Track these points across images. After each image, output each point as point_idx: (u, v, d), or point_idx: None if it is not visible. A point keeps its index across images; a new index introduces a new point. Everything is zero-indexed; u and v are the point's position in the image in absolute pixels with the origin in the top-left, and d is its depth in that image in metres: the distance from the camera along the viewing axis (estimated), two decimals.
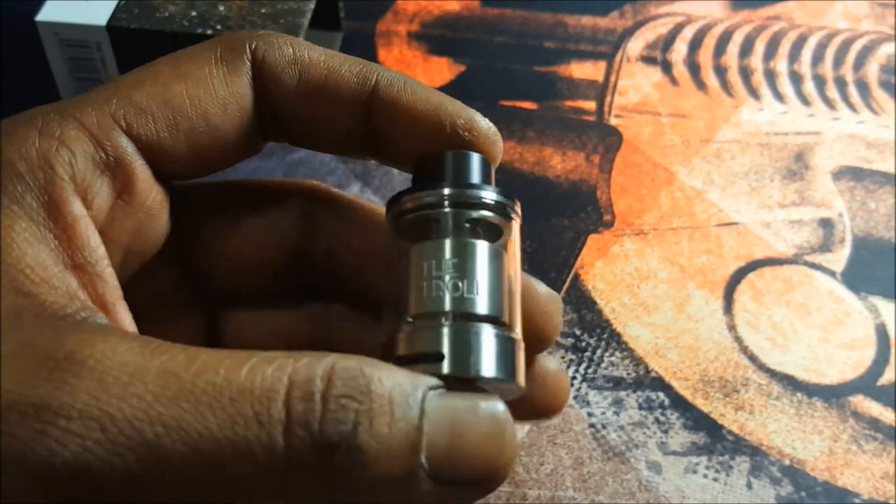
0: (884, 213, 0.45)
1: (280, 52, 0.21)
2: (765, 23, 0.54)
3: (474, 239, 0.20)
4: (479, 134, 0.21)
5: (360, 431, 0.16)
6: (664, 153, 0.47)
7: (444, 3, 0.55)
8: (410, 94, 0.21)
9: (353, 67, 0.21)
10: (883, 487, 0.35)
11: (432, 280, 0.19)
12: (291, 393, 0.16)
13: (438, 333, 0.19)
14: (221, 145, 0.21)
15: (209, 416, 0.15)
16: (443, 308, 0.19)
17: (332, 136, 0.22)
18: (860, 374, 0.39)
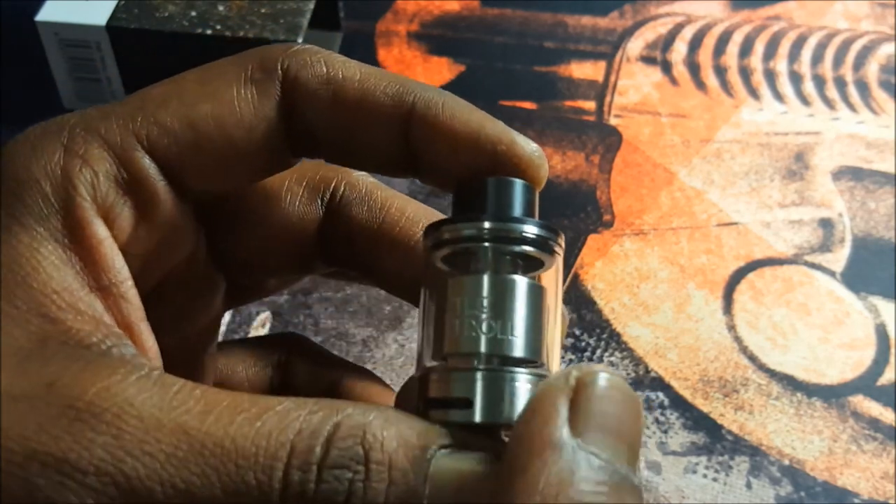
0: (884, 213, 0.45)
1: (313, 70, 0.20)
2: (765, 23, 0.54)
3: (514, 275, 0.19)
4: (521, 159, 0.20)
5: (354, 500, 0.16)
6: (664, 153, 0.47)
7: (444, 3, 0.55)
8: (449, 116, 0.20)
9: (388, 88, 0.20)
10: (883, 487, 0.35)
11: (466, 318, 0.18)
12: (291, 462, 0.16)
13: (471, 378, 0.18)
14: (246, 165, 0.21)
15: (215, 481, 0.16)
16: (477, 349, 0.18)
17: (370, 156, 0.22)
18: (860, 374, 0.39)
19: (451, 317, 0.19)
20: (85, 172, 0.19)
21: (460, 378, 0.18)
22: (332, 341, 0.39)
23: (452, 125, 0.20)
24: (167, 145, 0.19)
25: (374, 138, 0.21)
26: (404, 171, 0.22)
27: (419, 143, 0.21)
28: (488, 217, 0.19)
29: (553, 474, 0.15)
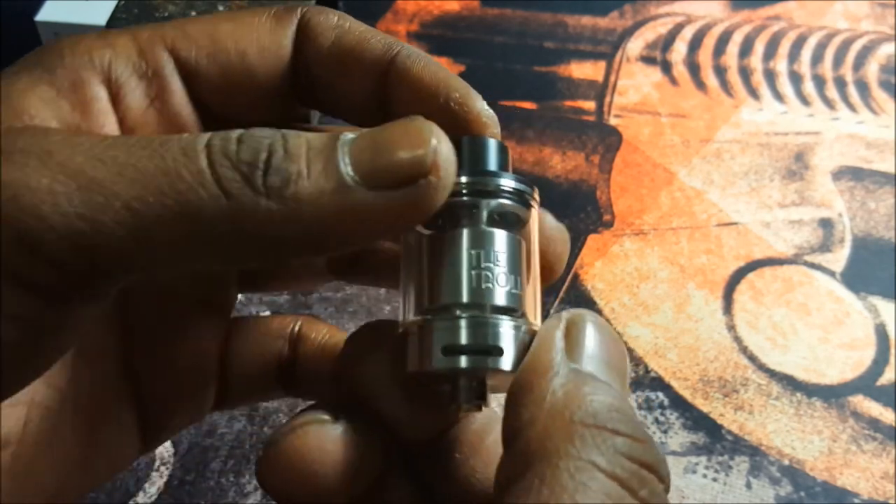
0: (883, 212, 0.45)
1: (325, 17, 0.23)
2: (764, 23, 0.54)
3: (492, 228, 0.20)
4: (469, 111, 0.22)
5: (276, 157, 0.17)
6: (664, 153, 0.47)
7: (444, 3, 0.55)
8: (422, 66, 0.22)
9: (383, 39, 0.23)
10: (882, 487, 0.35)
11: (480, 270, 0.19)
12: (212, 139, 0.17)
13: (497, 327, 0.19)
14: (254, 87, 0.22)
15: (139, 152, 0.17)
16: (491, 301, 0.19)
17: (351, 101, 0.23)
18: (860, 374, 0.39)
19: (454, 269, 0.19)
20: (105, 52, 0.21)
21: (488, 329, 0.19)
22: None
23: (421, 74, 0.22)
24: (186, 47, 0.22)
25: (358, 81, 0.23)
26: (375, 120, 0.23)
27: (391, 86, 0.22)
28: (465, 172, 0.20)
29: (557, 390, 0.17)
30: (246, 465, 0.35)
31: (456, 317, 0.19)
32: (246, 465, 0.35)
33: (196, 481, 0.35)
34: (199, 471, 0.35)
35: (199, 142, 0.17)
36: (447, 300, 0.19)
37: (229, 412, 0.36)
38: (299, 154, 0.18)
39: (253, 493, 0.34)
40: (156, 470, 0.35)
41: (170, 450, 0.35)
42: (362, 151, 0.18)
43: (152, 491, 0.34)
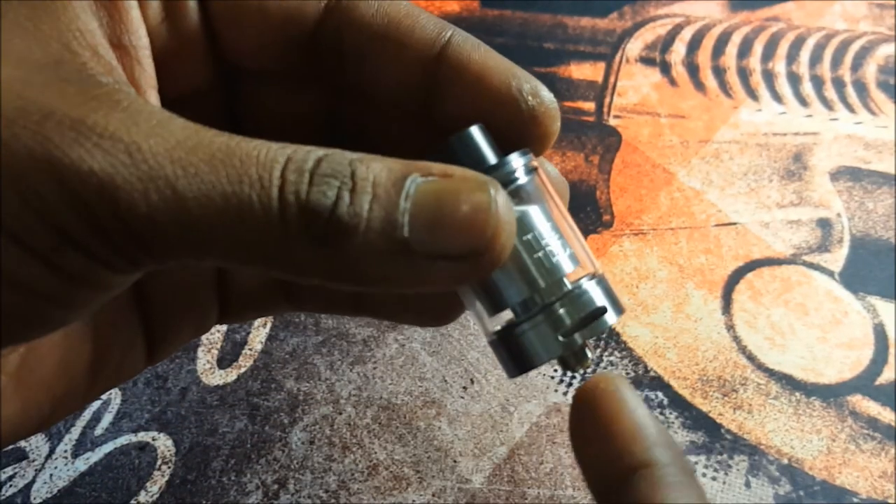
0: (882, 213, 0.45)
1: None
2: (763, 24, 0.55)
3: (523, 208, 0.20)
4: (541, 102, 0.21)
5: (341, 205, 0.17)
6: (663, 153, 0.47)
7: (444, 4, 0.56)
8: (484, 49, 0.22)
9: (434, 19, 0.22)
10: (881, 486, 0.35)
11: (534, 255, 0.20)
12: (288, 166, 0.17)
13: (588, 293, 0.20)
14: (268, 31, 0.22)
15: (221, 169, 0.17)
16: (562, 273, 0.20)
17: (390, 83, 0.22)
18: (858, 373, 0.39)
19: (519, 263, 0.20)
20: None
21: (582, 297, 0.20)
22: (332, 341, 0.39)
23: (486, 59, 0.21)
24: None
25: (405, 63, 0.22)
26: (415, 108, 0.22)
27: (448, 74, 0.21)
28: (483, 165, 0.20)
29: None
30: (247, 464, 0.35)
31: (550, 303, 0.20)
32: (247, 464, 0.35)
33: (197, 480, 0.35)
34: (200, 470, 0.35)
35: (275, 171, 0.17)
36: (528, 293, 0.20)
37: (230, 412, 0.37)
38: (363, 203, 0.17)
39: (254, 493, 0.34)
40: (157, 469, 0.35)
41: (171, 449, 0.36)
42: (423, 212, 0.18)
43: (154, 490, 0.34)
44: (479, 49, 0.22)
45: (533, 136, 0.22)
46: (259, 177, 0.17)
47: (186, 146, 0.17)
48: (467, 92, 0.21)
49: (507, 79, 0.21)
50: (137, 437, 0.36)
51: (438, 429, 0.36)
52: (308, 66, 0.23)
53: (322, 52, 0.22)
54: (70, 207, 0.16)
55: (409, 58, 0.22)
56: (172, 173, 0.16)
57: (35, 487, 0.34)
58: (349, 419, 0.37)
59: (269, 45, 0.22)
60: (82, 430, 0.36)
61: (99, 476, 0.35)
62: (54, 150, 0.16)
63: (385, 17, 0.22)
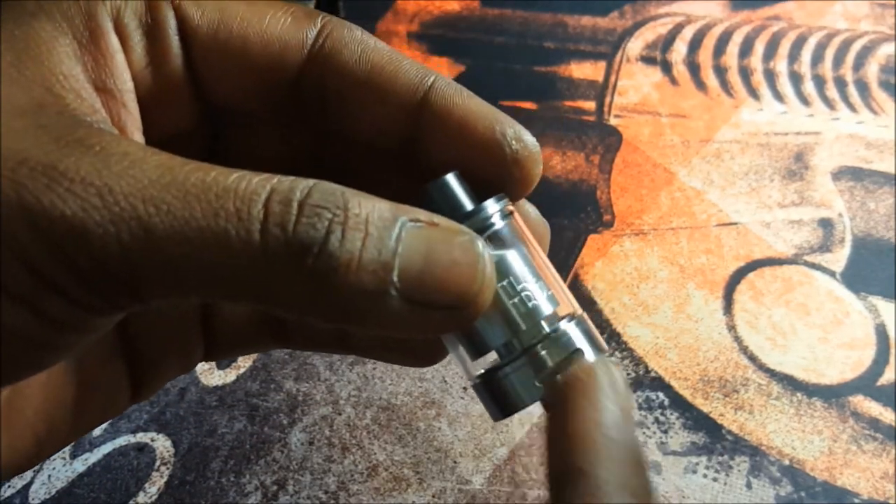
0: (883, 212, 0.45)
1: (350, 31, 0.22)
2: (764, 23, 0.54)
3: (501, 252, 0.20)
4: (524, 146, 0.22)
5: (332, 239, 0.17)
6: (664, 153, 0.47)
7: (444, 3, 0.56)
8: (467, 96, 0.22)
9: (416, 65, 0.22)
10: (882, 487, 0.35)
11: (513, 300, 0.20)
12: (272, 197, 0.17)
13: (566, 335, 0.20)
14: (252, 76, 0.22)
15: (195, 205, 0.17)
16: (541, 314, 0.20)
17: (373, 128, 0.22)
18: (860, 374, 0.39)
19: (499, 307, 0.20)
20: (115, 1, 0.20)
21: (562, 339, 0.20)
22: None
23: (468, 105, 0.21)
24: (193, 13, 0.21)
25: (389, 109, 0.22)
26: (398, 153, 0.22)
27: (431, 120, 0.21)
28: (460, 215, 0.20)
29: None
30: (246, 464, 0.35)
31: (531, 346, 0.20)
32: (246, 464, 0.35)
33: (196, 481, 0.35)
34: (199, 471, 0.35)
35: (255, 204, 0.17)
36: (508, 337, 0.20)
37: (229, 412, 0.36)
38: (355, 241, 0.17)
39: (253, 493, 0.34)
40: (156, 470, 0.35)
41: (170, 449, 0.35)
42: (414, 258, 0.18)
43: (152, 491, 0.34)
44: (462, 94, 0.22)
45: (515, 180, 0.22)
46: (237, 210, 0.17)
47: (160, 184, 0.17)
48: (450, 137, 0.21)
49: (490, 124, 0.21)
50: (136, 437, 0.36)
51: (438, 429, 0.36)
52: (291, 110, 0.23)
53: (305, 97, 0.22)
54: (47, 252, 0.16)
55: (391, 104, 0.22)
56: (144, 212, 0.16)
57: (33, 488, 0.34)
58: (349, 420, 0.36)
59: (252, 89, 0.22)
60: None
61: (97, 477, 0.35)
62: (28, 195, 0.16)
63: (367, 63, 0.22)
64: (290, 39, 0.22)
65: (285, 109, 0.23)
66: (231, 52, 0.21)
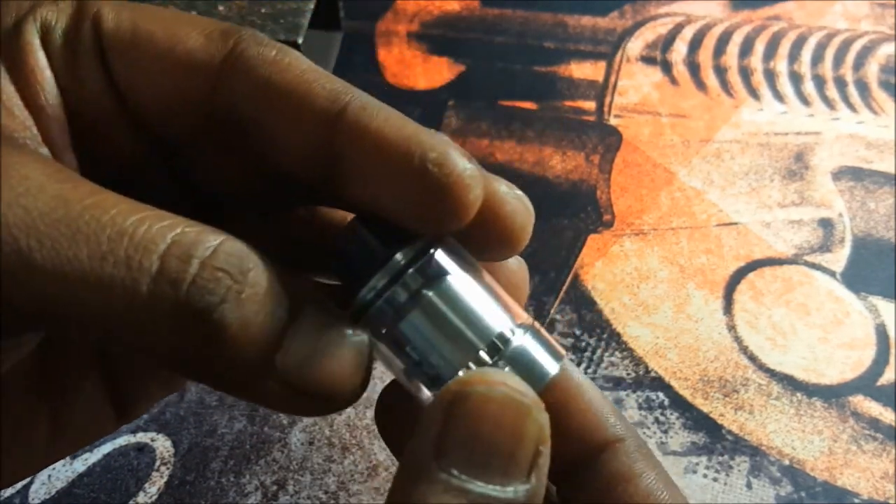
0: (883, 213, 0.45)
1: (262, 49, 0.20)
2: (764, 23, 0.54)
3: (442, 278, 0.20)
4: (450, 172, 0.18)
5: (226, 308, 0.16)
6: (664, 153, 0.47)
7: (444, 2, 0.55)
8: (383, 119, 0.19)
9: (328, 84, 0.20)
10: (883, 487, 0.35)
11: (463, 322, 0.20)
12: (170, 250, 0.16)
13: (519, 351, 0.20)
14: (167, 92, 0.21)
15: (82, 246, 0.16)
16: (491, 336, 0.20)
17: (290, 151, 0.20)
18: (860, 374, 0.39)
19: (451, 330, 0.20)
20: (48, 11, 0.20)
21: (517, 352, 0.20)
22: None
23: (383, 131, 0.19)
24: (108, 26, 0.20)
25: (300, 132, 0.19)
26: (319, 178, 0.21)
27: (344, 147, 0.19)
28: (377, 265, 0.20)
29: (414, 498, 0.16)
30: (246, 465, 0.35)
31: (491, 361, 0.20)
32: (246, 465, 0.35)
33: (196, 481, 0.35)
34: (199, 471, 0.35)
35: (150, 254, 0.16)
36: (465, 361, 0.20)
37: (230, 412, 0.36)
38: (248, 314, 0.16)
39: (253, 494, 0.34)
40: (156, 470, 0.35)
41: (170, 450, 0.35)
42: (298, 351, 0.17)
43: (152, 491, 0.34)
44: (378, 115, 0.19)
45: (445, 212, 0.19)
46: (127, 257, 0.16)
47: (50, 218, 0.16)
48: (366, 166, 0.19)
49: (407, 148, 0.18)
50: (136, 437, 0.36)
51: None
52: (211, 136, 0.21)
53: (220, 121, 0.21)
54: None
55: (303, 129, 0.19)
56: (26, 246, 0.16)
57: (33, 488, 0.34)
58: (349, 420, 0.36)
59: (169, 112, 0.21)
60: None
61: (97, 477, 0.35)
62: None
63: (278, 83, 0.20)
64: (200, 58, 0.20)
65: (206, 135, 0.21)
66: (143, 68, 0.20)
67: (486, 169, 0.21)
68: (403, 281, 0.19)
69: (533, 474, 0.17)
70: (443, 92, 0.50)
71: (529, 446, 0.17)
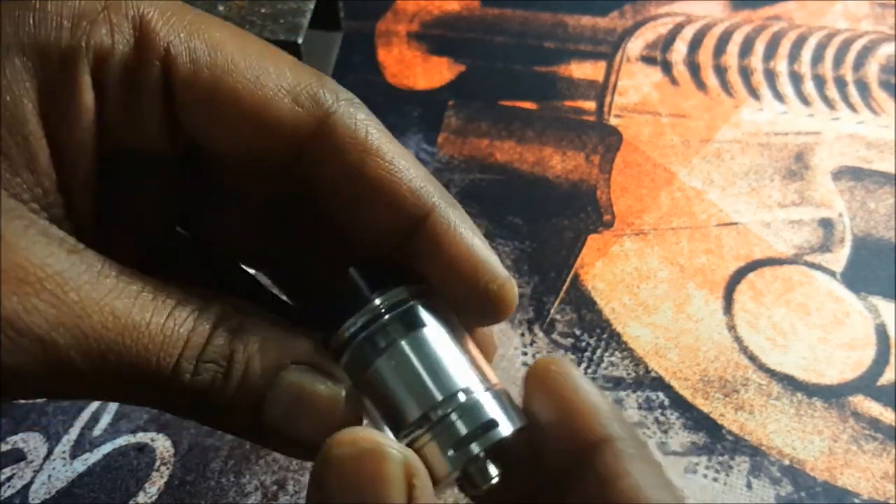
0: (883, 213, 0.45)
1: (353, 129, 0.21)
2: (765, 23, 0.54)
3: (417, 329, 0.21)
4: (504, 300, 0.22)
5: (213, 389, 0.20)
6: (664, 153, 0.47)
7: (444, 2, 0.55)
8: (459, 236, 0.21)
9: (415, 180, 0.21)
10: (883, 487, 0.35)
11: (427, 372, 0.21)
12: (184, 352, 0.20)
13: (474, 405, 0.20)
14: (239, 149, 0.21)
15: (126, 360, 0.19)
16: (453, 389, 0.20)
17: (361, 233, 0.22)
18: (860, 374, 0.39)
19: (414, 380, 0.21)
20: (100, 31, 0.19)
21: (470, 409, 0.20)
22: None
23: (459, 247, 0.21)
24: (184, 61, 0.20)
25: (380, 225, 0.21)
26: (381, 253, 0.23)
27: (423, 246, 0.21)
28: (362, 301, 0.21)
29: None
30: (246, 465, 0.35)
31: (444, 416, 0.20)
32: (246, 465, 0.35)
33: (196, 481, 0.35)
34: (199, 471, 0.35)
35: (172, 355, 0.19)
36: (424, 408, 0.20)
37: None
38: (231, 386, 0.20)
39: (253, 493, 0.34)
40: (156, 470, 0.35)
41: (170, 450, 0.35)
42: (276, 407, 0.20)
43: (152, 491, 0.34)
44: (457, 232, 0.21)
45: (491, 318, 0.22)
46: (158, 367, 0.19)
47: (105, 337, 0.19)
48: (436, 266, 0.22)
49: (475, 271, 0.21)
50: (136, 437, 0.36)
51: None
52: (279, 179, 0.22)
53: (296, 179, 0.22)
54: None
55: (383, 222, 0.21)
56: (81, 363, 0.19)
57: (33, 488, 0.34)
58: None
59: (239, 152, 0.21)
60: (81, 430, 0.36)
61: (97, 477, 0.35)
62: None
63: (367, 175, 0.21)
64: (287, 129, 0.20)
65: (274, 189, 0.23)
66: (222, 125, 0.20)
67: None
68: (381, 324, 0.21)
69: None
70: (443, 92, 0.50)
71: (397, 488, 0.18)
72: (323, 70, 0.54)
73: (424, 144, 0.46)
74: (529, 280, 0.41)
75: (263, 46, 0.21)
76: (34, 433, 0.36)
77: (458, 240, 0.21)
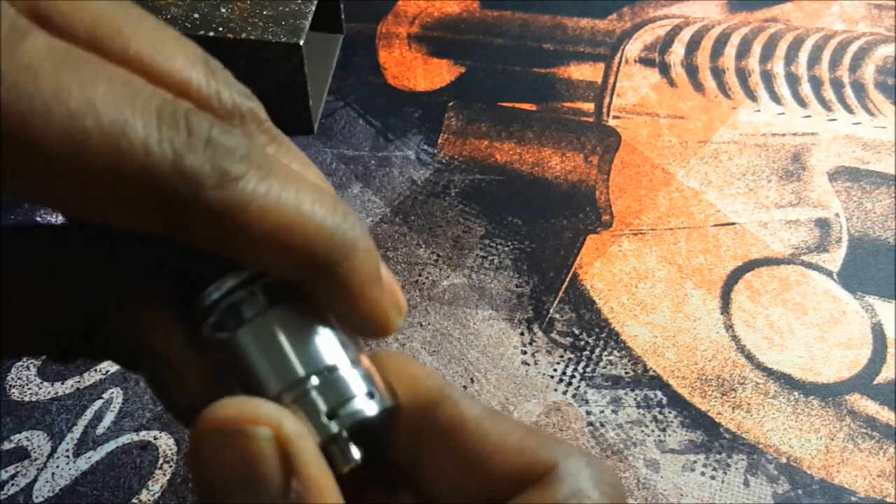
0: (880, 213, 0.45)
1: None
2: (762, 25, 0.55)
3: (276, 308, 0.19)
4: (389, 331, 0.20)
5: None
6: (662, 154, 0.48)
7: (445, 5, 0.56)
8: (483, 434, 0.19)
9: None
10: (879, 485, 0.35)
11: (293, 348, 0.19)
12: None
13: (340, 380, 0.19)
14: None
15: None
16: (319, 366, 0.19)
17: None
18: (856, 372, 0.39)
19: (278, 353, 0.19)
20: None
21: (334, 384, 0.19)
22: None
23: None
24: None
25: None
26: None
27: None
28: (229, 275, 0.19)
29: None
30: None
31: (304, 392, 0.19)
32: None
33: None
34: None
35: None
36: (284, 383, 0.19)
37: None
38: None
39: None
40: (159, 468, 0.35)
41: (173, 447, 0.36)
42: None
43: (155, 488, 0.35)
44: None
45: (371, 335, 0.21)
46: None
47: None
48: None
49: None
50: (139, 435, 0.36)
51: None
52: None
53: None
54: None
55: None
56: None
57: (37, 486, 0.35)
58: None
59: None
60: (84, 429, 0.36)
61: (101, 475, 0.35)
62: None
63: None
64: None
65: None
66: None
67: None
68: (249, 291, 0.20)
69: (294, 477, 0.17)
70: (443, 93, 0.50)
71: (271, 460, 0.17)
72: (324, 72, 0.54)
73: (425, 145, 0.46)
74: (528, 279, 0.42)
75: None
76: (38, 431, 0.36)
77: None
